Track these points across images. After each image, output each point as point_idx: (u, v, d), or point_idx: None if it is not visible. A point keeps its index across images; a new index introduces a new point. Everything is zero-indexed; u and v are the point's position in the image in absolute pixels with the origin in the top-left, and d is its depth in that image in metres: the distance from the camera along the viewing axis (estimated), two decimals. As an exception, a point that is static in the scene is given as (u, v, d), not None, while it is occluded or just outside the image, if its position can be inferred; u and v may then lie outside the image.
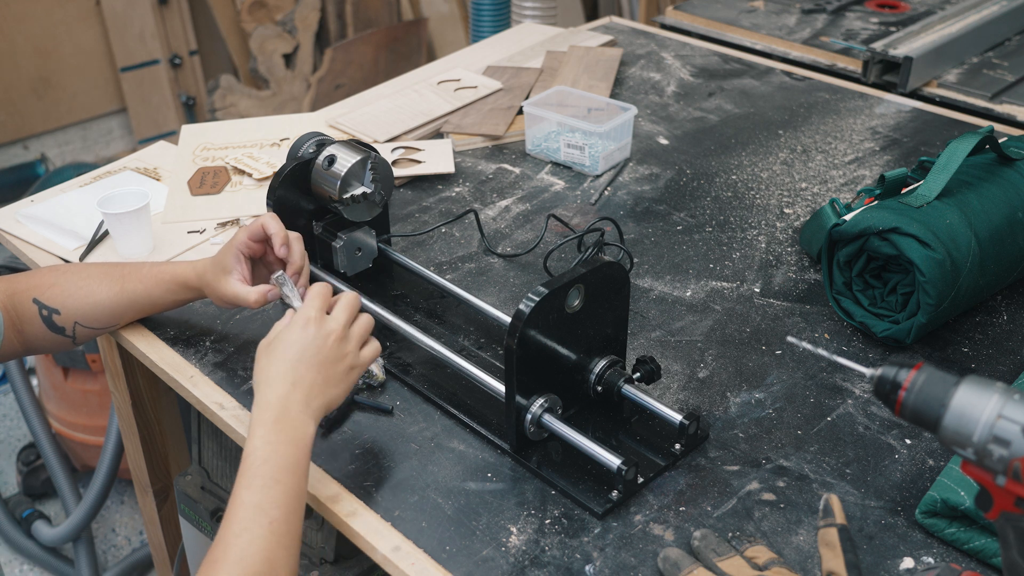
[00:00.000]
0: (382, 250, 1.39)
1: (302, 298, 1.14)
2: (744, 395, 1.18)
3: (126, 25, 3.72)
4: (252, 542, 0.87)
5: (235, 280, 1.17)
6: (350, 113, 1.88)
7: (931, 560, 0.95)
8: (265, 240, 1.18)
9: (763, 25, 2.33)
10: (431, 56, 4.19)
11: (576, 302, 1.04)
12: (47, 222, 1.54)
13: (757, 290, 1.38)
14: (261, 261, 1.22)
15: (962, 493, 0.94)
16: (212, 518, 1.52)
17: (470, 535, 0.99)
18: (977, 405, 0.76)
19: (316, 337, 1.01)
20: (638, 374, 1.11)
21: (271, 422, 0.95)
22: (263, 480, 0.91)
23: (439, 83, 2.00)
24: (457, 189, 1.66)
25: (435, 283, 1.33)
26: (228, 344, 1.28)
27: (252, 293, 1.15)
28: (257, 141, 1.80)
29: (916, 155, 1.74)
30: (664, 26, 2.44)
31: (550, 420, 1.06)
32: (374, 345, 1.07)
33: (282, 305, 1.21)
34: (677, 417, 1.06)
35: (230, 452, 1.51)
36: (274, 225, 1.16)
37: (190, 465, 1.63)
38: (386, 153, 1.73)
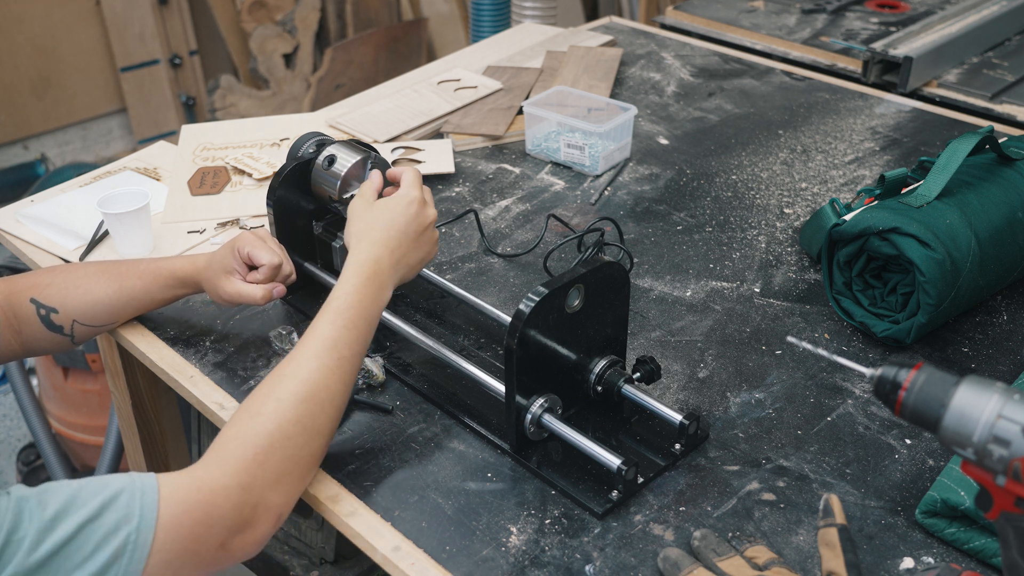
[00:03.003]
0: (382, 250, 1.39)
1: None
2: (744, 395, 1.18)
3: (126, 25, 3.72)
4: (319, 369, 0.99)
5: (237, 280, 1.20)
6: (350, 113, 1.88)
7: (931, 560, 0.95)
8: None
9: (763, 25, 2.33)
10: (431, 56, 4.19)
11: (576, 302, 1.04)
12: (47, 222, 1.54)
13: (757, 290, 1.38)
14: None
15: (962, 493, 0.94)
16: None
17: (470, 535, 0.99)
18: (977, 405, 0.76)
19: (417, 217, 1.12)
20: (638, 374, 1.11)
21: (365, 276, 1.06)
22: (344, 321, 1.03)
23: (439, 83, 2.00)
24: (457, 189, 1.66)
25: (435, 283, 1.33)
26: (228, 344, 1.28)
27: (258, 291, 1.20)
28: (257, 141, 1.80)
29: (916, 155, 1.74)
30: (664, 26, 2.44)
31: (550, 420, 1.06)
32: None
33: (279, 349, 1.26)
34: (677, 417, 1.06)
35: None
36: (264, 256, 1.20)
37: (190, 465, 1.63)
38: (386, 153, 1.73)
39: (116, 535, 0.83)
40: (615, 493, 1.01)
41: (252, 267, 1.22)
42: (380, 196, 1.17)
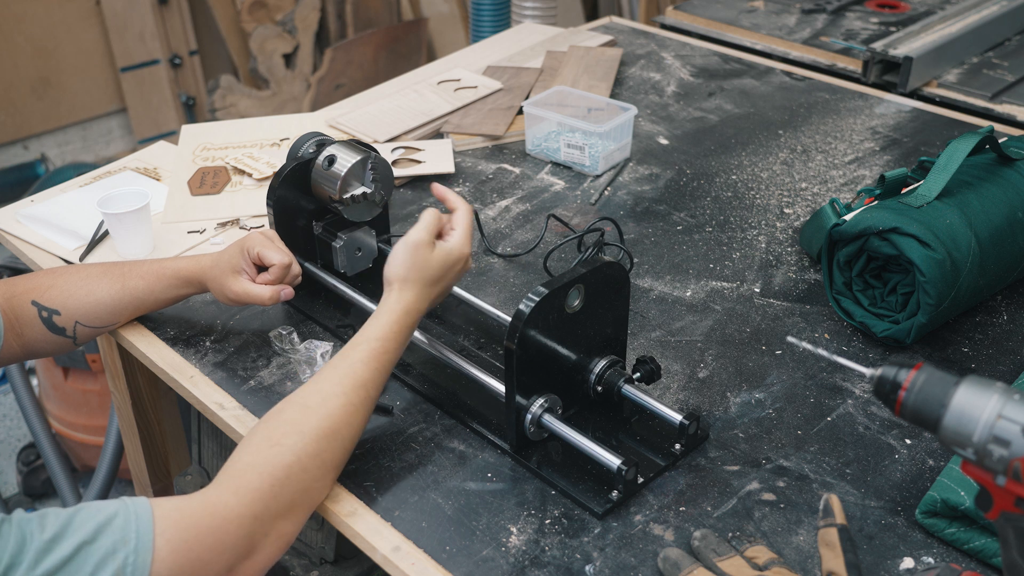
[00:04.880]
0: (382, 250, 1.39)
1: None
2: (744, 395, 1.18)
3: (126, 25, 3.72)
4: (345, 407, 1.00)
5: (245, 280, 1.21)
6: (350, 113, 1.88)
7: (931, 560, 0.95)
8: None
9: (763, 25, 2.33)
10: (431, 56, 4.19)
11: (576, 302, 1.04)
12: (47, 222, 1.54)
13: (757, 290, 1.38)
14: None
15: (962, 493, 0.94)
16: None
17: (470, 535, 0.99)
18: (977, 405, 0.76)
19: (458, 274, 1.14)
20: (638, 374, 1.11)
21: (403, 325, 1.07)
22: (378, 365, 1.04)
23: (439, 83, 2.00)
24: (457, 189, 1.66)
25: (435, 283, 1.33)
26: (228, 344, 1.28)
27: (266, 291, 1.20)
28: (257, 141, 1.80)
29: (916, 155, 1.74)
30: (664, 26, 2.44)
31: (550, 420, 1.06)
32: None
33: (280, 349, 1.26)
34: (677, 417, 1.06)
35: (230, 452, 1.51)
36: (275, 256, 1.20)
37: (190, 465, 1.63)
38: (386, 153, 1.73)
39: (114, 557, 0.84)
40: (615, 493, 1.01)
41: (261, 268, 1.22)
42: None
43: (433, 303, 1.13)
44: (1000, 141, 1.33)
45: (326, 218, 1.34)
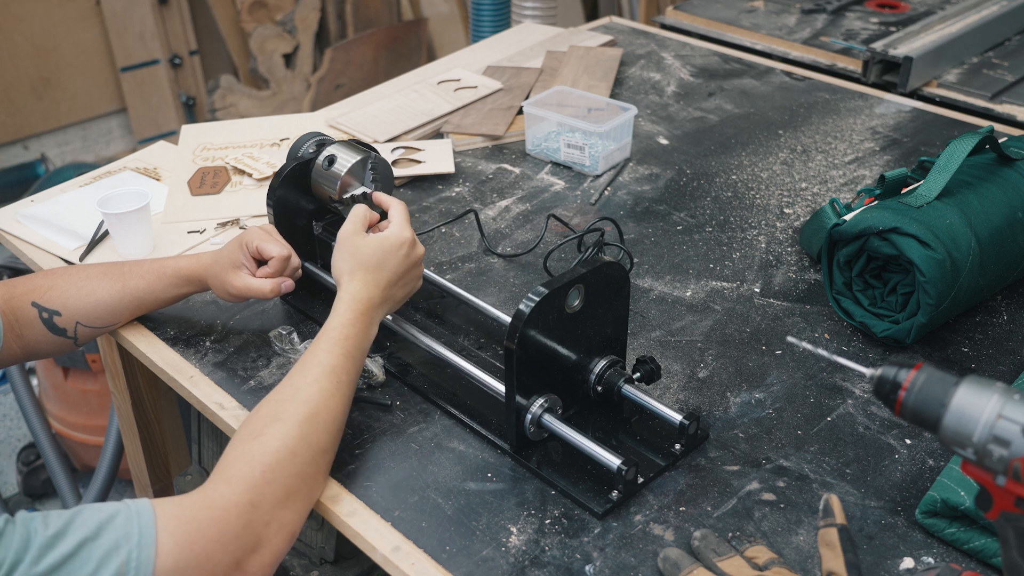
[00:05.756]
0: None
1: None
2: (744, 395, 1.18)
3: (126, 25, 3.72)
4: (319, 392, 1.02)
5: (246, 275, 1.21)
6: (350, 113, 1.88)
7: (931, 560, 0.95)
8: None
9: (763, 25, 2.33)
10: (431, 56, 4.19)
11: (576, 302, 1.04)
12: (47, 222, 1.54)
13: (757, 290, 1.38)
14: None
15: (962, 493, 0.94)
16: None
17: (470, 535, 0.99)
18: (977, 405, 0.76)
19: (407, 258, 1.15)
20: (638, 374, 1.11)
21: (358, 311, 1.10)
22: (343, 351, 1.06)
23: (439, 83, 2.00)
24: (457, 189, 1.66)
25: (435, 283, 1.33)
26: (228, 344, 1.28)
27: (267, 284, 1.21)
28: (257, 141, 1.80)
29: (916, 155, 1.74)
30: (664, 26, 2.44)
31: (550, 420, 1.06)
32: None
33: (280, 349, 1.26)
34: (677, 417, 1.06)
35: (230, 452, 1.51)
36: (274, 249, 1.21)
37: (190, 465, 1.63)
38: (386, 153, 1.73)
39: (117, 553, 0.84)
40: (615, 493, 1.01)
41: (260, 262, 1.22)
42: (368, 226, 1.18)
43: (391, 288, 1.14)
44: (1000, 141, 1.33)
45: (326, 218, 1.34)
